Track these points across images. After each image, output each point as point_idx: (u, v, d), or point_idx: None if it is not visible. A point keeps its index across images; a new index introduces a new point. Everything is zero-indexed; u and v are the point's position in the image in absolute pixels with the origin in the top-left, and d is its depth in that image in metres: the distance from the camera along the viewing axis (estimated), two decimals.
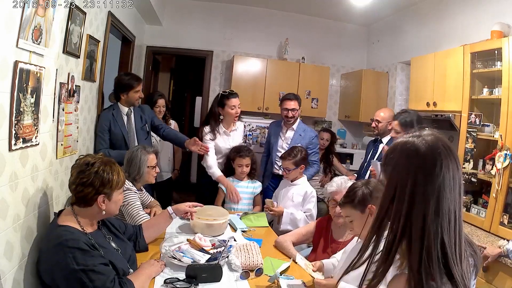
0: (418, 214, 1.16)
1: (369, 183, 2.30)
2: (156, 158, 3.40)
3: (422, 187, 1.17)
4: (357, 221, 2.27)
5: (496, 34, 3.81)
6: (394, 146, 1.31)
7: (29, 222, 2.04)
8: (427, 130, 1.29)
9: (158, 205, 3.55)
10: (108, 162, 2.15)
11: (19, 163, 1.88)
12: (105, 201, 2.08)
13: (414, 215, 1.17)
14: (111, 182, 2.08)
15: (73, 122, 3.29)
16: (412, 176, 1.19)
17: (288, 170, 3.82)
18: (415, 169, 1.20)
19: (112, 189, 2.10)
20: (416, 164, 1.20)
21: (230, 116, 4.30)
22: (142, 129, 4.20)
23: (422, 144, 1.22)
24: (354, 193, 2.24)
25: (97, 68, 3.92)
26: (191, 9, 6.85)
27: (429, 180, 1.17)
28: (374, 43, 7.24)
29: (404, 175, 1.21)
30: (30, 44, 1.86)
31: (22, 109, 1.83)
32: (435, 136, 1.25)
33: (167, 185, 5.16)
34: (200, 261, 2.47)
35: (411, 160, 1.22)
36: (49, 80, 2.18)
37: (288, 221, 3.61)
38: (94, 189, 2.04)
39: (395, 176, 1.25)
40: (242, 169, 4.10)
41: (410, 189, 1.19)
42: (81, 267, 1.83)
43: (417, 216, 1.17)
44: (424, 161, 1.19)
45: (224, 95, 4.25)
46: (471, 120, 3.84)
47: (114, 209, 2.18)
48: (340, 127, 7.48)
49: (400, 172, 1.23)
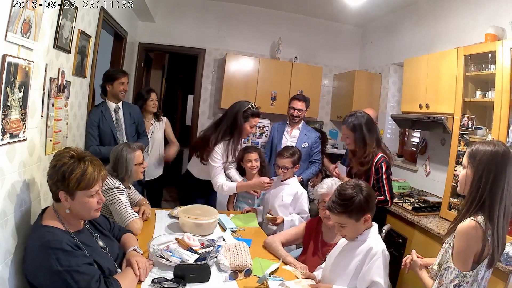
0: (498, 187, 1.92)
1: (362, 188, 2.28)
2: (142, 153, 3.36)
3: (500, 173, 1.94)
4: (349, 228, 2.28)
5: (490, 37, 3.83)
6: (478, 150, 2.01)
7: (16, 219, 2.00)
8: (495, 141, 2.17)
9: (147, 203, 3.52)
10: (81, 159, 2.02)
11: (5, 159, 1.84)
12: (67, 199, 1.98)
13: (495, 187, 1.92)
14: (68, 180, 1.94)
15: (62, 118, 3.26)
16: (495, 167, 1.94)
17: (286, 169, 3.77)
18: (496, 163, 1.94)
19: (71, 187, 1.96)
20: (498, 160, 1.94)
21: (244, 133, 3.85)
22: (131, 126, 4.20)
23: (499, 150, 1.96)
24: (351, 202, 2.22)
25: (88, 63, 3.88)
26: (184, 6, 6.81)
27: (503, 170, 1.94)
28: (368, 44, 7.24)
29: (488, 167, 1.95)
30: (19, 37, 1.82)
31: (9, 104, 1.80)
32: (502, 144, 2.04)
33: (157, 183, 5.11)
34: (188, 261, 2.44)
35: (494, 157, 1.95)
36: (38, 75, 2.14)
37: (289, 228, 3.55)
38: (54, 184, 1.97)
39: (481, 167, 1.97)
40: (252, 163, 4.09)
41: (494, 174, 1.93)
42: (65, 268, 1.80)
43: (498, 188, 1.92)
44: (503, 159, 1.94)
45: (254, 113, 3.78)
46: (464, 122, 3.85)
47: (80, 210, 2.04)
48: (332, 128, 7.48)
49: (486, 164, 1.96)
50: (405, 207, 4.30)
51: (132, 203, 3.34)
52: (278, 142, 4.87)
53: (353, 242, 2.31)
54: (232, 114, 3.77)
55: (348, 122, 3.56)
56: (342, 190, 2.30)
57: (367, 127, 3.50)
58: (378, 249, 2.20)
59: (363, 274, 2.18)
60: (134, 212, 3.05)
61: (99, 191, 2.10)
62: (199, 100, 7.05)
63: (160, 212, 3.60)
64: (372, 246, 2.21)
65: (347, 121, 3.58)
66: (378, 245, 2.23)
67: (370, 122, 3.56)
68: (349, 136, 3.56)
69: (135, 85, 6.60)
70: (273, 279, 2.36)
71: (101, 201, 2.11)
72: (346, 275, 2.25)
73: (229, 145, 3.79)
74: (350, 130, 3.54)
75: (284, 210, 3.71)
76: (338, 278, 2.28)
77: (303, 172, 4.71)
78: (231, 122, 3.74)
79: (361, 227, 2.28)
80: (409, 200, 4.59)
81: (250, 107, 3.74)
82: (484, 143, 2.02)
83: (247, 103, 3.76)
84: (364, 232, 2.30)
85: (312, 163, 4.84)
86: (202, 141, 3.81)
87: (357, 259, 2.23)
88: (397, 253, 4.10)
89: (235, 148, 3.81)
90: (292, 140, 4.84)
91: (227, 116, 3.80)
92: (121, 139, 4.09)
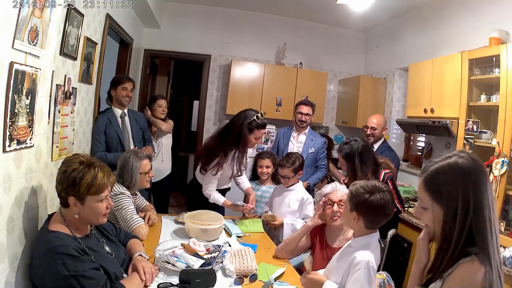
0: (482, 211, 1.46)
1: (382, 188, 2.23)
2: (149, 162, 3.37)
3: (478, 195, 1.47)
4: (345, 213, 2.30)
5: (495, 41, 3.83)
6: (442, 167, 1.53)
7: (23, 225, 2.02)
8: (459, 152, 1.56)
9: (153, 209, 3.52)
10: (91, 164, 2.05)
11: (13, 165, 1.86)
12: (77, 204, 2.00)
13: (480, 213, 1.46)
14: (78, 185, 1.97)
15: (69, 124, 3.28)
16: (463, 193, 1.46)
17: (287, 178, 3.73)
18: (463, 187, 1.46)
19: (81, 192, 1.98)
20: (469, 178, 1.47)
21: (249, 145, 3.70)
22: (138, 131, 4.24)
23: (466, 164, 1.49)
24: (364, 199, 2.16)
25: (94, 70, 3.91)
26: (189, 13, 6.84)
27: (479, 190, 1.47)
28: (372, 49, 7.25)
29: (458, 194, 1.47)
30: (26, 45, 1.84)
31: (17, 111, 1.82)
32: (468, 156, 1.52)
33: (164, 188, 5.12)
34: (194, 266, 2.45)
35: (459, 180, 1.47)
36: (44, 82, 2.16)
37: (290, 232, 3.46)
38: (63, 189, 1.98)
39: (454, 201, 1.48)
40: (262, 169, 4.16)
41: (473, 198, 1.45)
42: (72, 273, 1.81)
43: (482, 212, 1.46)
44: (468, 179, 1.47)
45: (260, 124, 3.59)
46: (469, 126, 3.84)
47: (89, 215, 2.06)
48: (337, 133, 7.47)
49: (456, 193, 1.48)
50: (410, 212, 4.29)
51: (138, 209, 3.36)
52: (284, 147, 4.87)
53: (348, 247, 2.28)
54: (237, 125, 3.58)
55: (342, 151, 3.51)
56: (370, 187, 2.22)
57: (359, 157, 3.42)
58: (362, 259, 2.09)
59: (346, 283, 2.15)
60: (140, 218, 3.06)
61: (108, 196, 2.12)
62: (204, 106, 7.07)
63: (166, 218, 3.62)
64: (356, 256, 2.12)
65: (341, 148, 3.53)
66: (364, 256, 2.11)
67: (364, 151, 3.46)
68: (344, 164, 3.54)
69: (141, 91, 6.63)
70: (278, 284, 2.37)
71: (109, 206, 2.14)
72: (336, 277, 2.24)
73: (234, 158, 3.66)
74: (343, 158, 3.52)
75: (292, 216, 3.70)
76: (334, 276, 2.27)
77: (310, 177, 4.71)
78: (236, 134, 3.56)
79: (351, 221, 2.23)
80: (414, 205, 4.56)
81: (255, 119, 3.54)
82: (438, 162, 1.55)
83: (253, 113, 3.57)
84: (358, 238, 2.23)
85: (318, 168, 4.84)
86: (206, 151, 3.69)
87: (346, 264, 2.19)
88: (402, 258, 4.09)
89: (240, 161, 3.70)
90: (298, 146, 4.84)
91: (232, 127, 3.62)
92: (128, 144, 4.12)
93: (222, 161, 3.57)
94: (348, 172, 3.52)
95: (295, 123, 4.96)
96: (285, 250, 2.98)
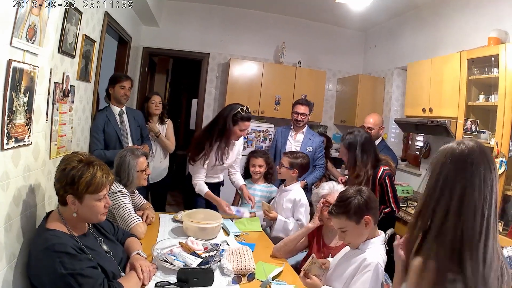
0: (441, 208, 1.38)
1: (362, 191, 2.28)
2: (146, 160, 3.36)
3: (450, 183, 1.38)
4: (351, 232, 2.23)
5: (493, 41, 3.83)
6: (440, 150, 1.49)
7: (21, 223, 2.01)
8: (469, 139, 1.47)
9: (150, 207, 3.52)
10: (90, 163, 2.04)
11: (10, 163, 1.86)
12: (75, 203, 1.99)
13: (438, 208, 1.39)
14: (77, 183, 1.96)
15: (67, 122, 3.28)
16: (445, 175, 1.41)
17: (282, 166, 3.78)
18: (448, 170, 1.40)
19: (80, 191, 1.97)
20: (450, 165, 1.40)
21: (234, 136, 3.81)
22: (136, 129, 4.24)
23: (460, 148, 1.42)
24: (348, 203, 2.21)
25: (93, 68, 3.90)
26: (188, 11, 6.84)
27: (459, 179, 1.38)
28: (371, 48, 7.25)
29: (438, 175, 1.43)
30: (24, 43, 1.84)
31: (14, 108, 1.81)
32: (474, 142, 1.44)
33: (161, 187, 5.12)
34: (191, 265, 2.44)
35: (447, 161, 1.41)
36: (43, 80, 2.16)
37: (280, 229, 3.54)
38: (62, 187, 1.98)
39: (434, 175, 1.45)
40: (255, 169, 4.14)
41: (441, 185, 1.40)
42: (69, 271, 1.81)
43: (440, 210, 1.38)
44: (457, 163, 1.40)
45: (244, 117, 3.71)
46: (467, 126, 3.84)
47: (87, 214, 2.05)
48: (336, 132, 7.48)
49: (437, 172, 1.44)
50: (408, 211, 4.29)
51: (136, 208, 3.35)
52: (282, 146, 4.88)
53: (355, 250, 2.29)
54: (222, 117, 3.74)
55: (344, 140, 3.57)
56: (342, 193, 2.32)
57: (361, 147, 3.47)
58: (372, 261, 2.12)
59: (352, 284, 2.16)
60: (138, 216, 3.06)
61: (106, 195, 2.12)
62: (203, 104, 7.07)
63: (164, 216, 3.61)
64: (366, 257, 2.15)
65: (344, 138, 3.59)
66: (374, 258, 2.14)
67: (367, 142, 3.52)
68: (345, 154, 3.58)
69: (139, 89, 6.63)
70: (276, 283, 2.37)
71: (107, 205, 2.13)
72: (341, 281, 2.24)
73: (218, 149, 3.76)
74: (345, 148, 3.56)
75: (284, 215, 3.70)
76: (334, 282, 2.28)
77: (307, 176, 4.71)
78: (221, 125, 3.70)
79: (363, 231, 2.23)
80: (412, 204, 4.58)
81: (239, 111, 3.69)
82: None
83: (238, 106, 3.73)
84: (367, 241, 2.25)
85: (316, 167, 4.83)
86: (195, 143, 3.82)
87: (352, 267, 2.20)
88: None
89: (222, 152, 3.78)
90: (296, 145, 4.84)
91: (218, 119, 3.77)
92: (126, 142, 4.13)
93: (208, 151, 3.71)
94: (348, 162, 3.56)
95: (292, 122, 4.96)
96: (283, 250, 2.98)
